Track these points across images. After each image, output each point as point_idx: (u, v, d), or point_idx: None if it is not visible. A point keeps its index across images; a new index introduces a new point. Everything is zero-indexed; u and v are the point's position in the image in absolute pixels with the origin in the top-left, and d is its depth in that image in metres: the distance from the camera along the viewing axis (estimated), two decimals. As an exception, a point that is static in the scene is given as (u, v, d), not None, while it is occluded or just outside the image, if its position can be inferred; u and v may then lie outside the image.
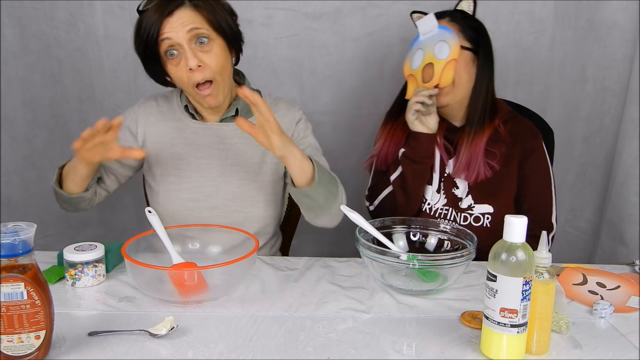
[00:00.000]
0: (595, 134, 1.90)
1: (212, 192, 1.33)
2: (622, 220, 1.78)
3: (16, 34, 1.81)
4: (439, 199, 1.44)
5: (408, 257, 1.07)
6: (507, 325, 0.84)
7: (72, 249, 1.13)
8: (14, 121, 1.89)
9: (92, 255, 1.11)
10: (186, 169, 1.33)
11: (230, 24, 1.25)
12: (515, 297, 0.83)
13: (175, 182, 1.33)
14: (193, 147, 1.34)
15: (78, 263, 1.11)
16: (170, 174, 1.34)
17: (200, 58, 1.20)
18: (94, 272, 1.12)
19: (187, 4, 1.20)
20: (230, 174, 1.33)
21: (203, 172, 1.33)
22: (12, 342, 0.83)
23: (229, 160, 1.34)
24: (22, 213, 1.92)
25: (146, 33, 1.19)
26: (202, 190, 1.33)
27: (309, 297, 1.10)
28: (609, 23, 1.77)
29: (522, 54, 1.84)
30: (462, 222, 1.41)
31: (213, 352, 0.89)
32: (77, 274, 1.11)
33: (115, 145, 1.15)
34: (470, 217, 1.40)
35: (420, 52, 1.38)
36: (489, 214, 1.39)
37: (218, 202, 1.33)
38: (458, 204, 1.42)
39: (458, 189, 1.42)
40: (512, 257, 0.83)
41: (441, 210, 1.43)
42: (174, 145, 1.34)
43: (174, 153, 1.34)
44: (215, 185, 1.33)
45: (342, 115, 1.91)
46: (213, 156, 1.33)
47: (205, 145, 1.34)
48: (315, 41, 1.84)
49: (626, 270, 1.25)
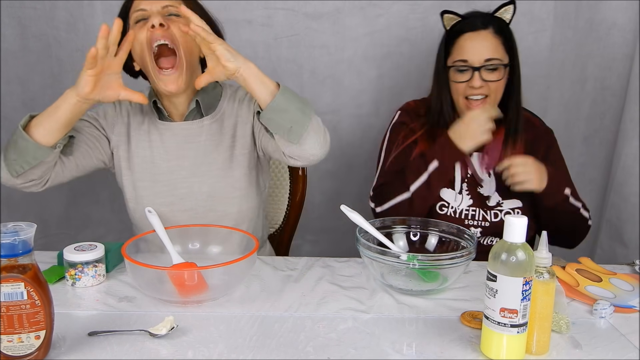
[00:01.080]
0: (595, 134, 1.90)
1: (185, 194, 1.30)
2: (622, 220, 1.78)
3: (16, 34, 1.81)
4: (462, 200, 1.42)
5: (408, 257, 1.07)
6: (507, 325, 0.84)
7: (72, 249, 1.13)
8: (14, 121, 1.86)
9: (92, 255, 1.11)
10: (157, 172, 1.30)
11: (208, 14, 1.25)
12: (515, 297, 0.83)
13: (147, 187, 1.30)
14: (162, 150, 1.30)
15: (78, 263, 1.11)
16: (141, 179, 1.30)
17: (166, 22, 1.16)
18: (94, 272, 1.12)
19: None
20: (202, 173, 1.30)
21: (174, 174, 1.30)
22: (12, 342, 0.83)
23: (199, 160, 1.30)
24: (22, 213, 1.92)
25: (123, 8, 1.22)
26: (175, 193, 1.30)
27: (309, 297, 1.10)
28: (609, 23, 1.77)
29: (522, 54, 1.82)
30: (494, 219, 1.40)
31: (213, 352, 0.89)
32: (77, 274, 1.11)
33: (119, 79, 1.12)
34: (501, 214, 1.39)
35: None
36: (518, 208, 1.39)
37: (192, 204, 1.30)
38: (486, 202, 1.41)
39: (483, 187, 1.42)
40: (512, 257, 0.84)
41: (467, 211, 1.41)
42: (143, 149, 1.31)
43: (144, 157, 1.31)
44: (188, 186, 1.30)
45: (342, 115, 1.91)
46: (182, 157, 1.30)
47: (173, 147, 1.30)
48: (315, 41, 1.84)
49: (626, 270, 1.25)
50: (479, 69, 1.33)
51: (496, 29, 1.35)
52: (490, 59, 1.33)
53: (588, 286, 1.14)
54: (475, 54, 1.34)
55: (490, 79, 1.34)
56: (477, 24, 1.35)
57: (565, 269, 1.20)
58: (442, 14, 1.41)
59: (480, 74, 1.34)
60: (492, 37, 1.35)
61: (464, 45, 1.36)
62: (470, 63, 1.34)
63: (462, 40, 1.36)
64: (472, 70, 1.34)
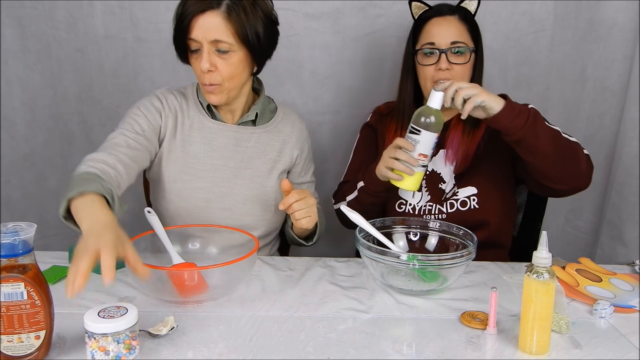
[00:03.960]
0: (595, 134, 1.90)
1: (225, 193, 1.33)
2: (622, 220, 1.78)
3: (16, 34, 1.81)
4: (421, 197, 1.43)
5: (408, 257, 1.07)
6: (420, 166, 1.20)
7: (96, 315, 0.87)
8: (13, 121, 1.88)
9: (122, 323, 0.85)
10: (201, 169, 1.32)
11: (260, 36, 1.23)
12: (429, 146, 1.20)
13: (188, 181, 1.32)
14: (209, 147, 1.33)
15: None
16: (183, 172, 1.32)
17: (214, 62, 1.21)
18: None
19: (220, 10, 1.18)
20: (244, 177, 1.34)
21: (217, 172, 1.33)
22: (12, 342, 0.83)
23: (244, 164, 1.34)
24: (22, 213, 1.92)
25: (180, 22, 1.21)
26: (215, 190, 1.32)
27: (309, 297, 1.10)
28: (609, 23, 1.77)
29: (522, 54, 1.84)
30: (450, 210, 1.40)
31: (213, 352, 0.89)
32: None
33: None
34: (457, 203, 1.40)
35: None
36: (474, 195, 1.39)
37: (231, 204, 1.33)
38: (440, 197, 1.42)
39: (445, 183, 1.42)
40: (431, 117, 1.19)
41: (424, 206, 1.42)
42: (190, 144, 1.33)
43: (189, 151, 1.33)
44: (229, 186, 1.33)
45: (342, 115, 1.91)
46: (228, 158, 1.34)
47: (221, 146, 1.34)
48: (315, 41, 1.84)
49: (626, 270, 1.25)
50: (445, 51, 1.36)
51: (462, 17, 1.40)
52: (456, 42, 1.37)
53: (588, 286, 1.14)
54: (442, 36, 1.37)
55: (457, 61, 1.37)
56: (444, 10, 1.41)
57: (565, 269, 1.20)
58: (409, 2, 1.46)
59: (447, 56, 1.36)
60: (458, 23, 1.39)
61: (431, 30, 1.40)
62: (437, 45, 1.37)
63: (429, 25, 1.41)
64: (439, 52, 1.37)
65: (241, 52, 1.22)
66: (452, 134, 1.43)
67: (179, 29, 1.22)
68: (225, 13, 1.18)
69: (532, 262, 0.89)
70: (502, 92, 1.32)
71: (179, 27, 1.22)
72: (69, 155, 1.93)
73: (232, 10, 1.18)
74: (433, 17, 1.40)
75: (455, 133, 1.43)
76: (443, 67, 1.36)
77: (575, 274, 1.18)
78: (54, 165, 1.93)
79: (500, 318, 1.00)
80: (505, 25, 1.81)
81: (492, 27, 1.78)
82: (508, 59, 1.83)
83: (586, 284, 1.15)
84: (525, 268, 0.91)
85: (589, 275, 1.18)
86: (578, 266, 1.22)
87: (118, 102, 1.88)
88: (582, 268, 1.21)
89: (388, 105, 1.57)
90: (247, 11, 1.19)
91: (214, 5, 1.18)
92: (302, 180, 1.45)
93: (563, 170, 1.27)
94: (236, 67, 1.23)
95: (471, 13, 1.42)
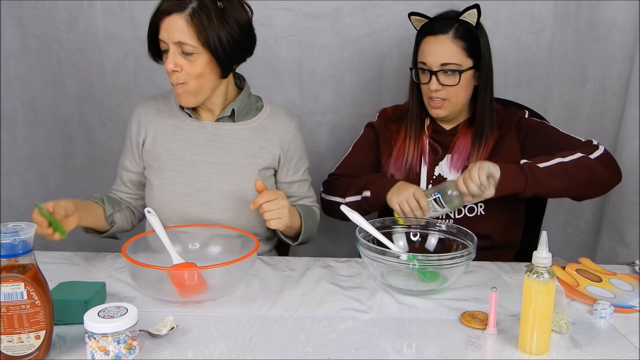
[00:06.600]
0: (595, 134, 1.89)
1: (204, 187, 1.34)
2: (623, 221, 1.78)
3: (16, 34, 1.81)
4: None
5: (408, 257, 1.07)
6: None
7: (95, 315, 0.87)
8: (14, 121, 1.88)
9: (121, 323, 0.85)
10: (181, 164, 1.35)
11: (225, 43, 1.23)
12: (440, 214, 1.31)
13: (170, 176, 1.35)
14: (189, 144, 1.36)
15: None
16: (166, 168, 1.36)
17: (179, 63, 1.24)
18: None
19: (184, 13, 1.20)
20: (223, 172, 1.35)
21: (197, 167, 1.35)
22: (12, 342, 0.83)
23: (223, 159, 1.36)
24: (22, 213, 1.92)
25: (151, 23, 1.25)
26: (194, 185, 1.34)
27: (309, 297, 1.10)
28: (609, 23, 1.77)
29: (522, 54, 1.84)
30: (457, 216, 1.40)
31: (213, 352, 0.89)
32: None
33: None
34: (465, 209, 1.40)
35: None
36: (481, 202, 1.38)
37: (210, 198, 1.34)
38: None
39: None
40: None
41: None
42: (171, 142, 1.37)
43: (171, 149, 1.36)
44: (208, 181, 1.34)
45: (342, 115, 1.91)
46: (207, 153, 1.36)
47: (201, 143, 1.36)
48: (315, 41, 1.83)
49: (626, 270, 1.25)
50: (435, 72, 1.36)
51: (456, 34, 1.35)
52: (446, 63, 1.35)
53: (588, 286, 1.14)
54: (432, 57, 1.36)
55: (447, 83, 1.36)
56: (436, 29, 1.37)
57: (565, 269, 1.20)
58: (409, 16, 1.43)
59: (437, 78, 1.36)
60: (449, 43, 1.35)
61: (424, 49, 1.39)
62: (428, 66, 1.37)
63: (423, 44, 1.39)
64: (430, 74, 1.36)
65: (205, 55, 1.24)
66: (459, 140, 1.44)
67: (150, 29, 1.26)
68: (188, 16, 1.20)
69: (532, 262, 0.89)
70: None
71: (150, 27, 1.26)
72: (70, 155, 1.93)
73: (195, 14, 1.20)
74: (426, 35, 1.38)
75: (463, 140, 1.43)
76: (433, 88, 1.36)
77: (575, 274, 1.18)
78: (54, 165, 1.93)
79: (500, 318, 1.00)
80: (505, 25, 1.81)
81: (492, 27, 1.77)
82: (508, 59, 1.83)
83: (586, 284, 1.15)
84: (525, 268, 0.91)
85: (589, 276, 1.18)
86: (578, 266, 1.22)
87: (118, 102, 1.88)
88: (582, 268, 1.21)
89: (395, 108, 1.57)
90: (212, 17, 1.21)
91: (179, 8, 1.21)
92: (292, 179, 1.44)
93: (587, 187, 1.33)
94: (202, 69, 1.25)
95: (471, 25, 1.36)
